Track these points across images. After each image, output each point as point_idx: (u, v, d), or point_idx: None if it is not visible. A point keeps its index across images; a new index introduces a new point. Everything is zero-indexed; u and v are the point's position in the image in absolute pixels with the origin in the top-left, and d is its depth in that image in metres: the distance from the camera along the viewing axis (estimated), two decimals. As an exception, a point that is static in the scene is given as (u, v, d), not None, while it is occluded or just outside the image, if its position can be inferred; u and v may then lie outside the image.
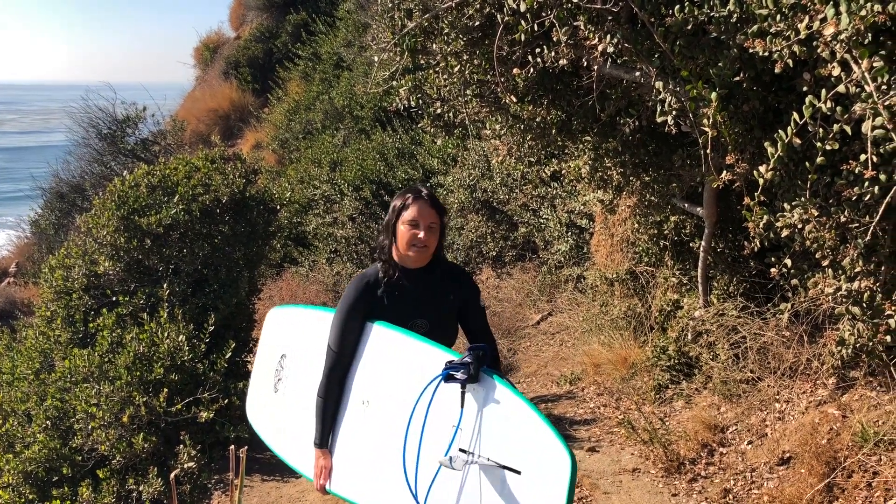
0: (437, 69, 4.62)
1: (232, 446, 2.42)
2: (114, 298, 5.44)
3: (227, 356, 4.95)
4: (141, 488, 4.43)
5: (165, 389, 4.62)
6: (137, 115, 14.77)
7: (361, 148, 12.31)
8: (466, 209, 9.25)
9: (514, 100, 4.26)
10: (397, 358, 2.66)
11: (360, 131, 13.42)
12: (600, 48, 3.43)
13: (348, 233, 10.90)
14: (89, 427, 4.65)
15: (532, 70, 3.86)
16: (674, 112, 3.50)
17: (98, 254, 5.57)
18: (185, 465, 4.32)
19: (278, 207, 6.28)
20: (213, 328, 5.03)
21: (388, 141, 11.91)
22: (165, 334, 4.85)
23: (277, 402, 3.17)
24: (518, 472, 2.25)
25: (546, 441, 2.22)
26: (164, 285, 5.18)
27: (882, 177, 2.79)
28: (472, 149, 9.30)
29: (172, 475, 3.10)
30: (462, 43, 4.22)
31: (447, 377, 2.42)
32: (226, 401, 4.72)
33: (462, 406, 2.39)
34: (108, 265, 5.47)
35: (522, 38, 3.66)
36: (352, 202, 11.02)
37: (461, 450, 2.38)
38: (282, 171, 14.22)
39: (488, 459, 2.30)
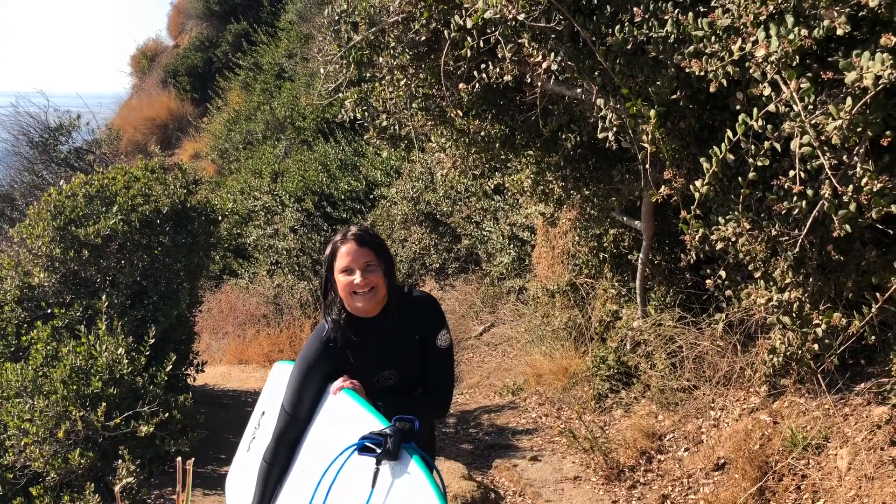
0: (382, 82, 4.66)
1: (179, 458, 2.39)
2: (49, 311, 5.30)
3: (167, 369, 4.87)
4: (77, 505, 4.32)
5: (104, 403, 4.51)
6: (71, 123, 14.35)
7: (304, 159, 12.26)
8: (410, 221, 9.29)
9: (460, 114, 4.33)
10: (338, 425, 2.37)
11: (303, 142, 13.35)
12: (544, 65, 3.53)
13: (290, 244, 10.82)
14: (22, 443, 4.52)
15: (477, 85, 3.93)
16: (614, 128, 3.62)
17: (32, 265, 5.42)
18: (125, 480, 4.23)
19: (220, 218, 6.22)
20: (153, 341, 4.94)
21: (331, 152, 11.88)
22: (104, 347, 4.75)
23: (246, 462, 2.86)
24: None
25: None
26: (103, 297, 5.07)
27: (809, 192, 2.94)
28: (417, 161, 9.36)
29: (118, 487, 3.04)
30: (408, 57, 4.28)
31: (361, 448, 2.18)
32: (166, 414, 4.63)
33: (373, 485, 2.13)
34: (42, 276, 5.32)
35: (468, 53, 3.74)
36: (293, 213, 10.96)
37: None
38: (222, 181, 14.04)
39: None
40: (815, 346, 3.43)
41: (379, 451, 2.13)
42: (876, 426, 3.51)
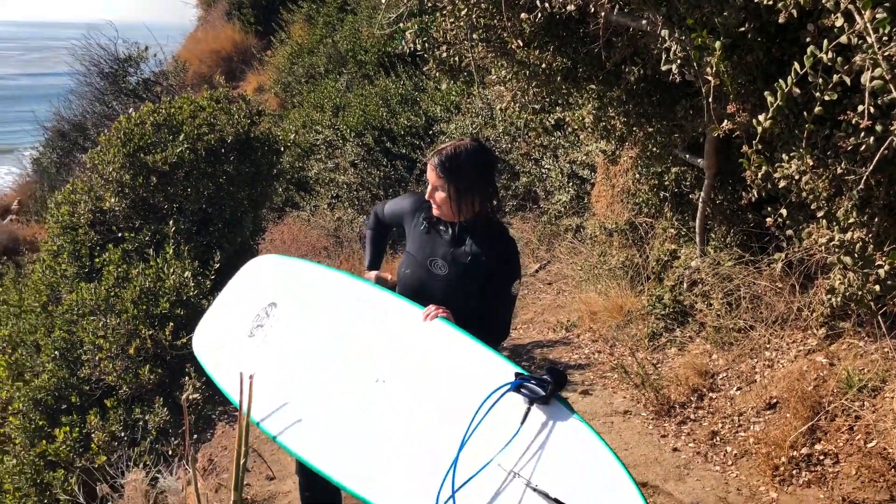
0: (443, 13, 4.63)
1: (241, 372, 2.51)
2: (119, 234, 5.52)
3: (231, 293, 5.05)
4: (147, 417, 4.57)
5: (171, 323, 4.73)
6: (139, 54, 14.66)
7: (364, 93, 12.26)
8: (469, 157, 9.26)
9: (521, 45, 4.28)
10: (428, 348, 2.56)
11: (364, 76, 13.34)
12: (608, -5, 3.46)
13: (350, 179, 10.92)
14: (96, 358, 4.77)
15: (539, 15, 3.88)
16: (678, 61, 3.54)
17: (104, 190, 5.63)
18: (190, 396, 4.46)
19: (282, 149, 6.33)
20: (218, 266, 5.12)
21: (392, 87, 11.85)
22: (171, 270, 4.95)
23: (249, 347, 2.98)
24: None
25: (621, 485, 2.07)
26: (170, 223, 5.26)
27: (878, 128, 2.85)
28: (476, 96, 9.28)
29: (185, 398, 3.21)
30: (470, -14, 4.23)
31: (518, 388, 2.27)
32: (230, 336, 4.82)
33: (522, 423, 2.24)
34: (113, 201, 5.53)
35: (531, -18, 3.68)
36: (354, 148, 11.02)
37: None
38: (284, 114, 14.17)
39: (543, 493, 2.10)
40: (877, 288, 3.36)
41: (542, 392, 2.23)
42: (935, 370, 3.46)
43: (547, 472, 2.15)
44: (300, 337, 2.88)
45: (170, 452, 4.48)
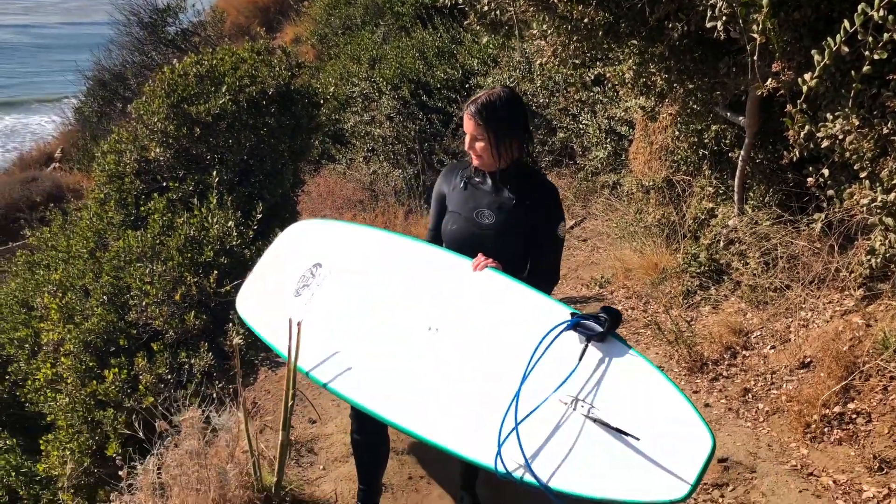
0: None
1: (290, 318, 2.60)
2: (164, 184, 5.63)
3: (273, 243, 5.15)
4: (192, 361, 4.72)
5: (215, 271, 4.84)
6: (178, 4, 14.70)
7: (401, 46, 12.20)
8: (505, 112, 9.22)
9: (572, 5, 4.24)
10: (476, 294, 2.64)
11: (401, 28, 13.26)
12: (654, -52, 3.42)
13: (385, 132, 10.94)
14: (143, 303, 4.91)
15: (583, -31, 3.85)
16: (724, 17, 3.51)
17: (148, 140, 5.72)
18: (234, 342, 4.59)
19: (321, 102, 6.36)
20: (260, 216, 5.21)
21: (429, 39, 11.78)
22: (215, 220, 5.05)
23: (296, 305, 3.05)
24: (637, 439, 2.12)
25: (685, 417, 2.14)
26: (213, 173, 5.34)
27: (927, 88, 2.82)
28: (515, 49, 9.20)
29: (234, 341, 3.33)
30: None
31: (575, 326, 2.33)
32: (271, 285, 4.94)
33: (580, 359, 2.30)
34: (158, 151, 5.62)
35: (576, -65, 3.65)
36: (390, 101, 11.01)
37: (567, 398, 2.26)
38: (321, 66, 14.17)
39: (605, 424, 2.16)
40: (918, 250, 3.37)
41: (600, 329, 2.27)
42: (973, 333, 3.46)
43: (607, 404, 2.21)
44: (348, 294, 2.95)
45: (215, 395, 4.63)
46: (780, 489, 3.52)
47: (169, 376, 4.73)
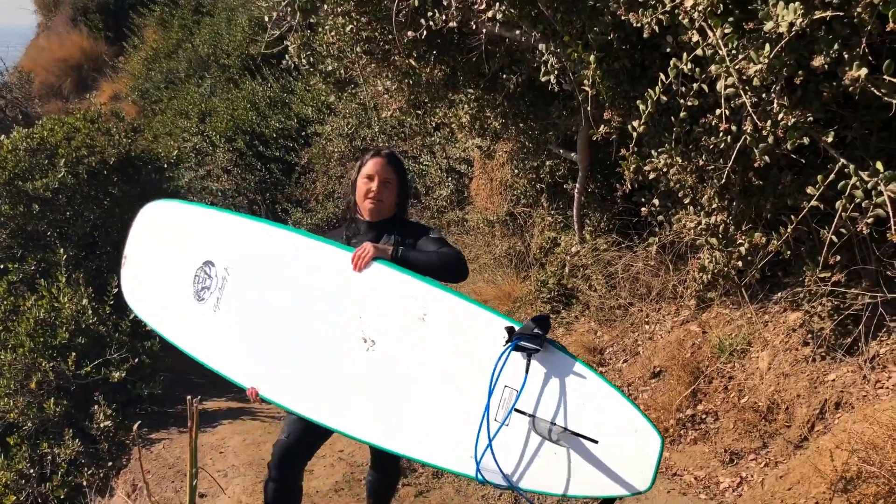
0: (326, 27, 4.78)
1: (189, 397, 2.61)
2: (2, 266, 5.34)
3: (131, 317, 5.01)
4: (56, 451, 4.51)
5: (73, 353, 4.66)
6: (-26, 66, 13.77)
7: (231, 97, 12.07)
8: (346, 158, 9.39)
9: (413, 62, 4.49)
10: (402, 300, 2.71)
11: (228, 80, 13.09)
12: (489, 14, 3.73)
13: (224, 185, 10.78)
14: (-6, 396, 4.64)
15: (423, 33, 4.11)
16: (556, 72, 3.87)
17: (-21, 221, 5.42)
18: (102, 425, 4.43)
19: (164, 167, 6.25)
20: (116, 290, 5.06)
21: (259, 90, 11.74)
22: (66, 299, 4.85)
23: (203, 313, 3.01)
24: (595, 441, 2.36)
25: (632, 418, 2.39)
26: (60, 250, 5.14)
27: (734, 128, 3.28)
28: (350, 96, 9.38)
29: (135, 427, 3.22)
30: (352, 3, 4.41)
31: (516, 348, 2.47)
32: (136, 360, 4.81)
33: (527, 371, 2.45)
34: (-10, 232, 5.34)
35: (416, 3, 3.91)
36: (225, 154, 10.86)
37: (524, 412, 2.45)
38: (145, 123, 13.71)
39: (564, 428, 2.39)
40: (739, 263, 3.85)
41: (538, 348, 2.43)
42: (791, 329, 3.99)
43: (562, 410, 2.43)
44: (258, 298, 2.92)
45: (84, 483, 4.45)
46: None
47: (31, 470, 4.50)
